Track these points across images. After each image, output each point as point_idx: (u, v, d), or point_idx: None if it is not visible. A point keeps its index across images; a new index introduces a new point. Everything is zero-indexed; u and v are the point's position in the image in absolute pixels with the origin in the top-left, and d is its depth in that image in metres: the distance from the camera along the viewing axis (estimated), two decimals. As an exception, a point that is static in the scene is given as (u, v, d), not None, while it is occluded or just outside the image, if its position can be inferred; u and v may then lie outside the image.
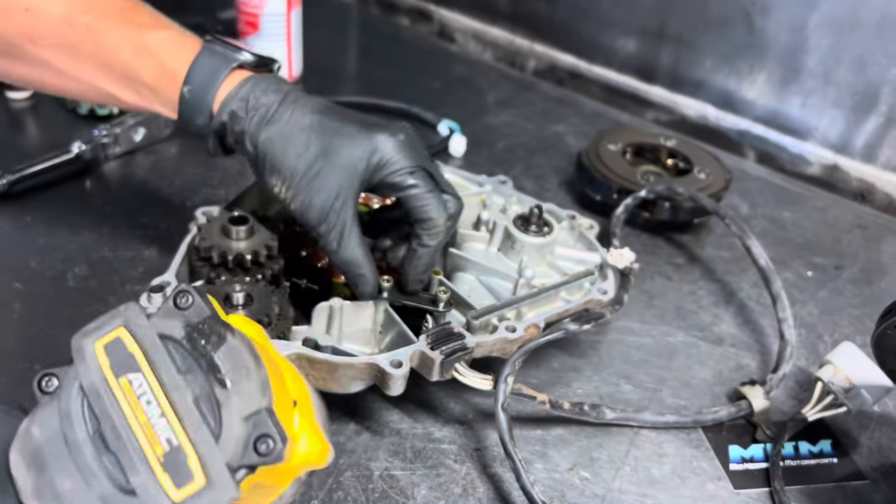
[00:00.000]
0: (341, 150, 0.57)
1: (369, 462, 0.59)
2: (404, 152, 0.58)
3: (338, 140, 0.58)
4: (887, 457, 0.65)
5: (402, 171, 0.58)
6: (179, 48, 0.59)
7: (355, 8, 1.56)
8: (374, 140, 0.58)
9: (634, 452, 0.63)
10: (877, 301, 0.84)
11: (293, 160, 0.57)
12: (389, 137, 0.58)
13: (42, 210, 0.83)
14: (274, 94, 0.58)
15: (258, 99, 0.58)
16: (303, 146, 0.57)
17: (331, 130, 0.58)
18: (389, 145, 0.58)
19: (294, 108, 0.58)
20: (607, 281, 0.70)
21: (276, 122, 0.58)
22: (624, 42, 1.25)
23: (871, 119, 1.04)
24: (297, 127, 0.58)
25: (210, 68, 0.59)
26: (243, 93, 0.58)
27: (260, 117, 0.58)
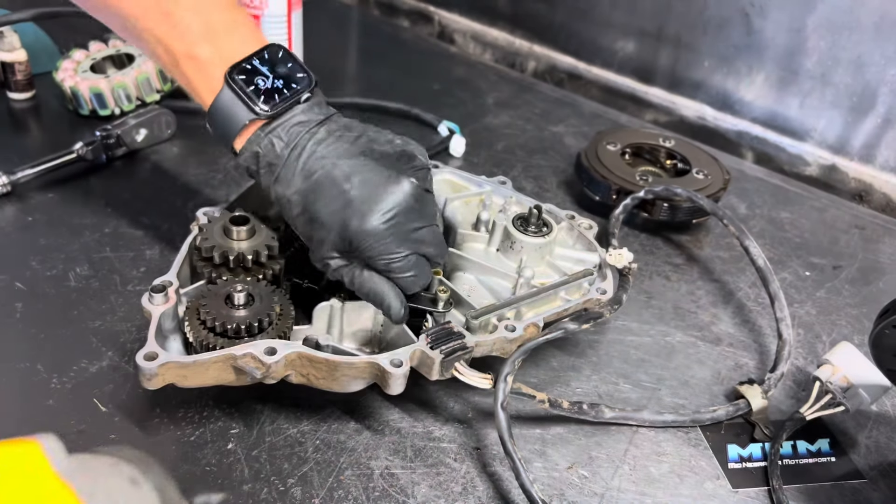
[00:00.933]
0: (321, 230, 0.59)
1: (370, 461, 0.60)
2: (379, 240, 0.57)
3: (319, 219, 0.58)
4: (885, 456, 0.66)
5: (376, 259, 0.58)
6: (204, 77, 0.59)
7: (356, 9, 1.57)
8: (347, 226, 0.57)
9: (633, 451, 0.64)
10: (874, 301, 0.84)
11: (294, 220, 0.60)
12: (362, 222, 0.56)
13: (44, 210, 0.83)
14: (282, 149, 0.58)
15: (265, 157, 0.59)
16: (297, 211, 0.59)
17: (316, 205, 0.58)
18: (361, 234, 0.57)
19: (295, 169, 0.58)
20: (606, 281, 0.71)
21: (279, 182, 0.59)
22: (623, 43, 1.26)
23: (869, 120, 1.04)
24: (292, 192, 0.59)
25: (226, 119, 0.59)
26: (253, 150, 0.59)
27: (269, 175, 0.59)
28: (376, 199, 0.57)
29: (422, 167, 0.61)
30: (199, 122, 1.02)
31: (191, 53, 0.58)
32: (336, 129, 0.60)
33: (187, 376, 0.55)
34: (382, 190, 0.57)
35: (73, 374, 0.64)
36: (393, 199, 0.57)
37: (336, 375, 0.57)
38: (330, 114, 0.61)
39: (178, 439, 0.59)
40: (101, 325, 0.69)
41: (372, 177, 0.57)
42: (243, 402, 0.63)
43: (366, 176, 0.57)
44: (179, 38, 0.58)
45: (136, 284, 0.74)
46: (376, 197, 0.57)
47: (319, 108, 0.60)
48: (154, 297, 0.58)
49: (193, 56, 0.58)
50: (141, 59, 1.01)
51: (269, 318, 0.58)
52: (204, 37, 0.58)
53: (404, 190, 0.58)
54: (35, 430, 0.58)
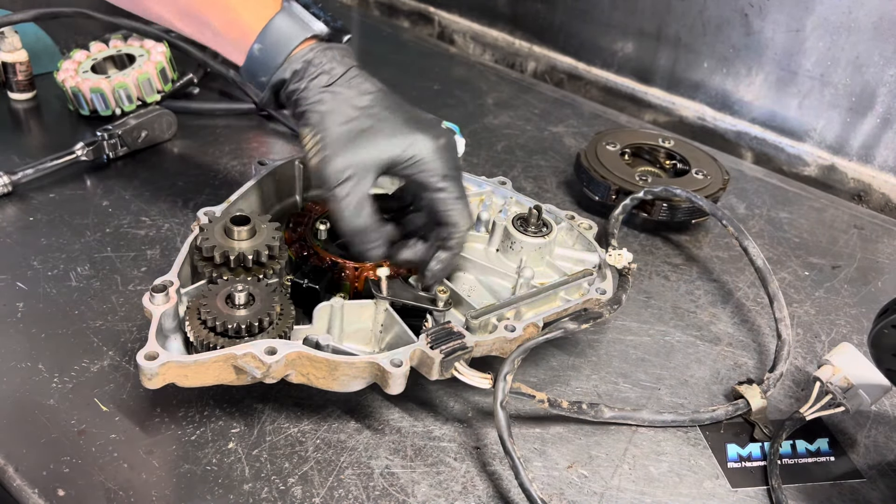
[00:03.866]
0: (380, 134, 0.60)
1: (370, 460, 0.60)
2: (440, 156, 0.61)
3: (381, 124, 0.61)
4: (884, 455, 0.66)
5: (434, 173, 0.61)
6: (254, 8, 0.62)
7: (356, 10, 1.57)
8: (414, 136, 0.61)
9: (633, 451, 0.64)
10: (873, 300, 0.84)
11: (335, 125, 0.61)
12: (430, 139, 0.61)
13: (45, 210, 0.83)
14: (338, 64, 0.61)
15: (322, 65, 0.61)
16: (348, 117, 0.61)
17: (378, 113, 0.61)
18: (428, 147, 0.61)
19: (352, 83, 0.62)
20: (605, 281, 0.71)
21: (332, 90, 0.61)
22: (622, 44, 1.26)
23: (868, 120, 1.05)
24: (350, 99, 0.61)
25: (284, 33, 0.61)
26: (310, 56, 0.61)
27: (319, 81, 0.61)
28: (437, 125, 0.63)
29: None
30: (199, 122, 1.03)
31: None
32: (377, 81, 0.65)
33: (188, 376, 0.55)
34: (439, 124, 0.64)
35: (74, 374, 0.64)
36: (447, 132, 0.63)
37: (336, 375, 0.57)
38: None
39: (179, 438, 0.60)
40: (101, 325, 0.69)
41: (425, 114, 0.64)
42: (244, 402, 0.63)
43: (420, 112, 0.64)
44: None
45: (137, 284, 0.74)
46: (436, 124, 0.63)
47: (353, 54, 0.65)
48: (155, 296, 0.58)
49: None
50: (142, 59, 1.02)
51: (270, 318, 0.58)
52: None
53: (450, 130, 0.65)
54: (36, 430, 0.59)
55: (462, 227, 0.63)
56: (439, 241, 0.64)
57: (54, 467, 0.56)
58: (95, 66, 1.02)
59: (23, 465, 0.56)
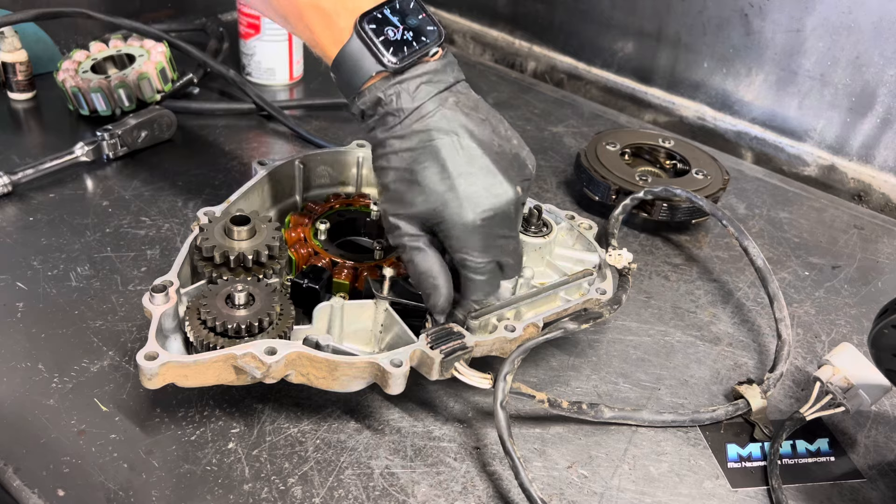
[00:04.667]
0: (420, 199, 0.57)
1: (370, 460, 0.60)
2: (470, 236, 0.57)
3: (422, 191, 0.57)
4: (884, 455, 0.66)
5: (456, 252, 0.58)
6: (330, 28, 0.58)
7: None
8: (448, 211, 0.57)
9: (633, 451, 0.64)
10: (873, 301, 0.84)
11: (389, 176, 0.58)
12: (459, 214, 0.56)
13: (45, 210, 0.83)
14: (407, 102, 0.57)
15: (386, 107, 0.57)
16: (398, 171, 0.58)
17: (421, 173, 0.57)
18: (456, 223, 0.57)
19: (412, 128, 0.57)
20: (606, 281, 0.71)
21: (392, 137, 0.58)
22: (622, 44, 1.26)
23: (868, 120, 1.05)
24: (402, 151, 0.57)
25: (352, 68, 0.57)
26: (376, 97, 0.57)
27: (383, 125, 0.58)
28: (481, 196, 0.57)
29: (528, 177, 0.61)
30: (199, 122, 1.04)
31: (315, 4, 0.58)
32: (464, 104, 0.59)
33: (188, 376, 0.55)
34: (489, 191, 0.57)
35: (74, 374, 0.64)
36: (496, 202, 0.57)
37: (336, 375, 0.57)
38: (459, 79, 0.60)
39: (179, 439, 0.60)
40: (101, 325, 0.69)
41: (484, 174, 0.57)
42: (244, 402, 0.63)
43: (478, 169, 0.57)
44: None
45: (137, 284, 0.74)
46: (481, 194, 0.57)
47: (450, 69, 0.59)
48: (155, 296, 0.58)
49: (318, 6, 0.58)
50: (142, 59, 1.02)
51: (270, 318, 0.58)
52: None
53: (509, 197, 0.58)
54: (36, 430, 0.59)
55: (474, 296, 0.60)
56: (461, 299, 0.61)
57: (54, 467, 0.56)
58: (95, 66, 1.02)
59: (23, 465, 0.56)
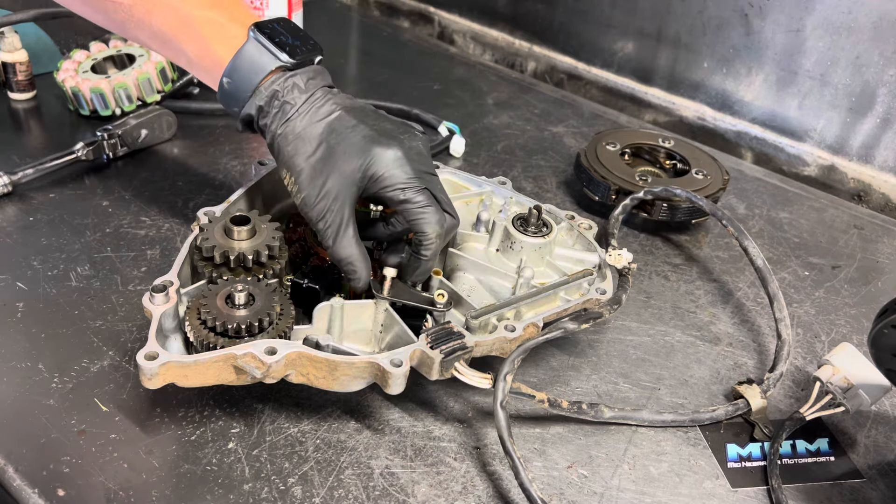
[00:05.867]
0: (340, 159, 0.60)
1: (370, 460, 0.60)
2: (400, 167, 0.61)
3: (340, 148, 0.61)
4: (884, 455, 0.66)
5: (394, 188, 0.61)
6: (224, 35, 0.63)
7: (356, 10, 1.57)
8: (371, 153, 0.60)
9: (633, 451, 0.64)
10: (873, 300, 0.84)
11: (301, 160, 0.61)
12: (387, 151, 0.60)
13: (45, 210, 0.83)
14: (299, 92, 0.61)
15: (283, 96, 0.61)
16: (310, 148, 0.61)
17: (337, 137, 0.61)
18: (385, 160, 0.60)
19: (311, 111, 0.62)
20: (605, 281, 0.71)
21: (293, 120, 0.61)
22: (622, 44, 1.26)
23: (868, 120, 1.05)
24: (310, 129, 0.61)
25: (249, 67, 0.62)
26: (272, 90, 0.61)
27: (282, 113, 0.62)
28: (396, 134, 0.62)
29: (422, 136, 0.66)
30: (199, 122, 1.03)
31: (208, 17, 0.63)
32: (347, 96, 0.65)
33: (188, 376, 0.55)
34: (401, 132, 0.63)
35: (74, 374, 0.64)
36: (410, 138, 0.63)
37: (336, 375, 0.57)
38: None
39: (179, 439, 0.60)
40: (102, 325, 0.69)
41: (388, 123, 0.63)
42: (244, 402, 0.63)
43: (384, 122, 0.63)
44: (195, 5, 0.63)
45: (137, 284, 0.74)
46: (396, 133, 0.62)
47: (327, 76, 0.65)
48: (155, 296, 0.58)
49: (211, 19, 0.63)
50: (142, 59, 1.02)
51: (270, 318, 0.58)
52: (218, 5, 0.64)
53: (418, 136, 0.64)
54: (36, 430, 0.59)
55: (430, 235, 0.62)
56: (413, 248, 0.64)
57: (54, 467, 0.56)
58: (95, 66, 1.02)
59: (23, 465, 0.56)
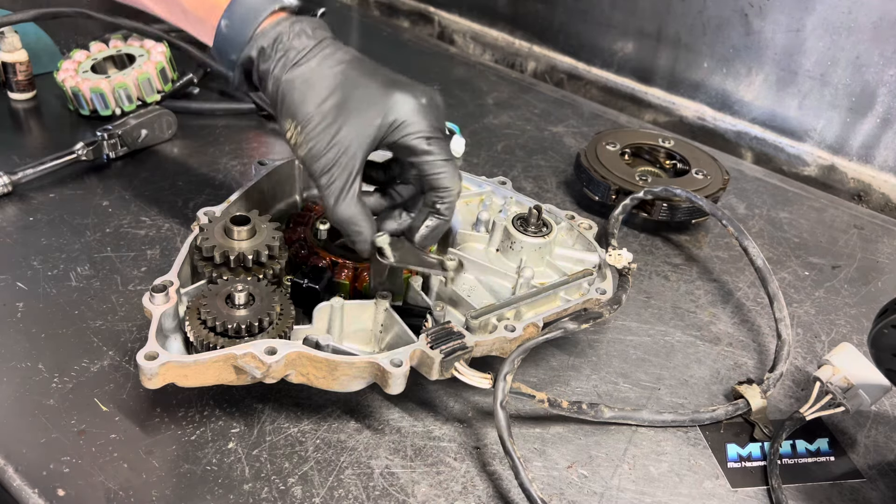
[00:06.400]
0: (358, 105, 0.56)
1: (370, 460, 0.60)
2: (423, 115, 0.57)
3: (357, 94, 0.57)
4: (883, 455, 0.66)
5: (418, 135, 0.57)
6: None
7: (356, 10, 1.57)
8: (393, 99, 0.57)
9: (633, 450, 0.64)
10: (873, 300, 0.84)
11: (310, 107, 0.57)
12: (410, 98, 0.57)
13: (45, 210, 0.83)
14: (307, 38, 0.58)
15: (290, 40, 0.57)
16: (322, 95, 0.57)
17: (353, 83, 0.57)
18: (408, 107, 0.57)
19: (323, 56, 0.58)
20: (606, 281, 0.71)
21: (301, 65, 0.57)
22: (622, 44, 1.26)
23: (868, 120, 1.05)
24: (321, 75, 0.57)
25: (251, 7, 0.58)
26: (276, 31, 0.57)
27: (287, 58, 0.57)
28: (416, 84, 0.59)
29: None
30: (199, 122, 1.03)
31: None
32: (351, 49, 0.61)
33: (188, 376, 0.55)
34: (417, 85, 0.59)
35: (74, 374, 0.64)
36: (430, 90, 0.59)
37: (336, 375, 0.57)
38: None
39: (179, 438, 0.60)
40: (102, 325, 0.69)
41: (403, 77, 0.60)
42: (244, 402, 0.63)
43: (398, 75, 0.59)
44: None
45: (137, 284, 0.74)
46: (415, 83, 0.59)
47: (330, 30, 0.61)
48: (155, 296, 0.58)
49: None
50: (142, 59, 1.01)
51: (270, 318, 0.58)
52: None
53: (434, 89, 0.60)
54: (36, 430, 0.59)
55: (453, 190, 0.59)
56: (428, 206, 0.60)
57: (54, 467, 0.56)
58: (95, 66, 1.02)
59: (23, 465, 0.56)
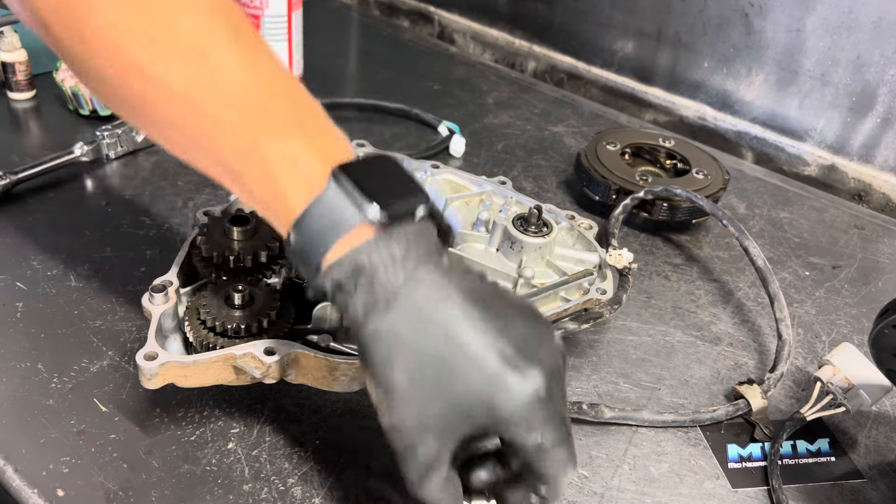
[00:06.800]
0: (459, 388, 0.43)
1: (370, 460, 0.60)
2: (539, 409, 0.43)
3: (460, 371, 0.43)
4: (884, 455, 0.66)
5: (529, 432, 0.44)
6: (300, 177, 0.45)
7: (356, 10, 1.57)
8: (504, 387, 0.43)
9: (633, 451, 0.64)
10: (874, 300, 0.84)
11: (398, 373, 0.44)
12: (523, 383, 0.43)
13: (44, 210, 0.83)
14: (395, 267, 0.43)
15: (374, 272, 0.43)
16: (414, 361, 0.43)
17: (456, 350, 0.43)
18: (520, 398, 0.43)
19: (416, 302, 0.43)
20: (606, 281, 0.71)
21: (388, 315, 0.43)
22: (622, 43, 1.26)
23: (868, 120, 1.05)
24: (415, 330, 0.43)
25: (326, 222, 0.44)
26: (356, 261, 0.43)
27: (370, 300, 0.44)
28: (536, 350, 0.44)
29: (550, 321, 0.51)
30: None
31: (283, 148, 0.45)
32: (457, 263, 0.47)
33: (187, 376, 0.55)
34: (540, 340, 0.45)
35: (74, 374, 0.64)
36: (551, 352, 0.45)
37: (336, 375, 0.57)
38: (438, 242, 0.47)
39: (179, 439, 0.60)
40: (101, 325, 0.69)
41: (522, 324, 0.45)
42: (244, 402, 0.63)
43: (517, 321, 0.45)
44: (269, 132, 0.45)
45: (137, 284, 0.74)
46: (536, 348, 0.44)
47: (432, 230, 0.47)
48: (154, 296, 0.58)
49: (287, 151, 0.45)
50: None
51: (269, 318, 0.58)
52: (300, 132, 0.46)
53: (559, 346, 0.46)
54: (36, 430, 0.59)
55: (562, 481, 0.46)
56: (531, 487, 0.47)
57: (54, 467, 0.56)
58: (95, 66, 1.02)
59: (22, 466, 0.56)
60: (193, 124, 0.46)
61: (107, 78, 0.47)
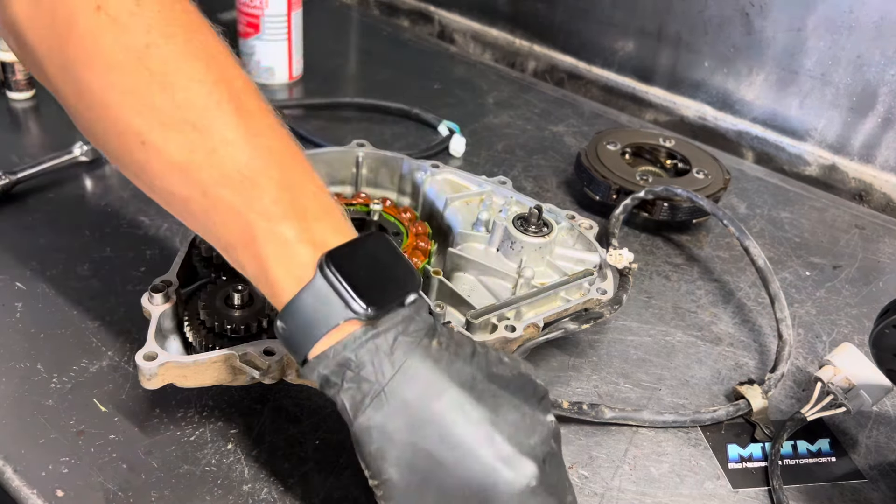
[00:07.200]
0: (447, 481, 0.43)
1: (370, 461, 0.60)
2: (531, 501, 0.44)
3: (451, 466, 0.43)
4: (885, 456, 0.66)
5: None
6: (289, 264, 0.45)
7: (355, 9, 1.57)
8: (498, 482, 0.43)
9: (633, 451, 0.64)
10: (874, 301, 0.84)
11: (391, 469, 0.44)
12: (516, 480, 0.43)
13: (44, 210, 0.83)
14: (381, 359, 0.43)
15: (359, 370, 0.43)
16: (406, 457, 0.43)
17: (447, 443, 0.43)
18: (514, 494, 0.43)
19: (404, 397, 0.43)
20: (606, 281, 0.71)
21: (377, 412, 0.43)
22: (623, 43, 1.26)
23: (869, 120, 1.04)
24: (403, 429, 0.43)
25: (311, 315, 0.44)
26: (342, 356, 0.44)
27: (358, 395, 0.44)
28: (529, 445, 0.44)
29: (544, 392, 0.49)
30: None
31: (274, 231, 0.45)
32: (447, 344, 0.46)
33: (187, 376, 0.55)
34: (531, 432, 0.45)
35: (73, 374, 0.64)
36: (544, 444, 0.45)
37: (336, 375, 0.57)
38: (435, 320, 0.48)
39: (178, 439, 0.59)
40: (100, 325, 0.69)
41: (513, 410, 0.45)
42: (243, 402, 0.63)
43: (506, 408, 0.45)
44: (262, 213, 0.45)
45: (136, 284, 0.74)
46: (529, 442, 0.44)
47: (424, 310, 0.47)
48: (154, 296, 0.58)
49: (277, 234, 0.45)
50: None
51: (269, 318, 0.58)
52: (293, 215, 0.45)
53: (551, 428, 0.46)
54: (35, 430, 0.59)
55: None
56: None
57: (53, 468, 0.56)
58: (95, 66, 1.02)
59: (21, 466, 0.56)
60: (188, 196, 0.47)
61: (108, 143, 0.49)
